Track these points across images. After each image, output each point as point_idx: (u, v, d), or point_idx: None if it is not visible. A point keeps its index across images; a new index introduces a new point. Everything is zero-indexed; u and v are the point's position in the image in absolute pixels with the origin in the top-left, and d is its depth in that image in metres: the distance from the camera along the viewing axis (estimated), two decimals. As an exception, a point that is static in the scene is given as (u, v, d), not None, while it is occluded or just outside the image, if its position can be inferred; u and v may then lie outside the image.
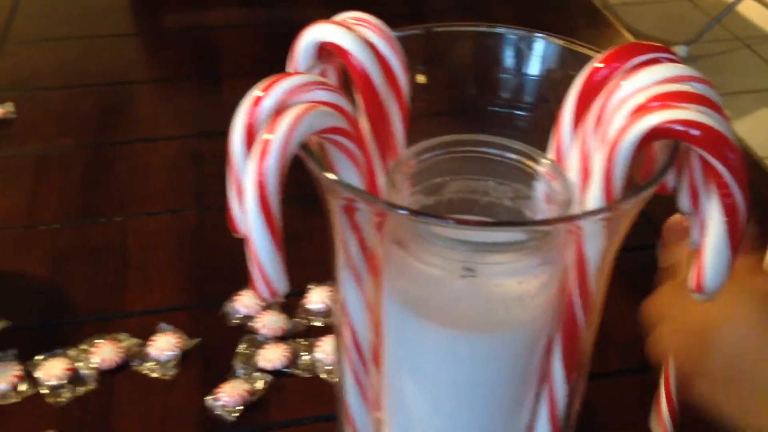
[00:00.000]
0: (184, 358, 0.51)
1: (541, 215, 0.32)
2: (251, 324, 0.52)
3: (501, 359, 0.31)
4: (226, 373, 0.50)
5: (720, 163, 0.26)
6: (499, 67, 0.34)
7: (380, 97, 0.31)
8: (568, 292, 0.30)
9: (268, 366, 0.50)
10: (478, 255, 0.29)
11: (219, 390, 0.48)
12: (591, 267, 0.29)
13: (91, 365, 0.50)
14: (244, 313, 0.53)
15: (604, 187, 0.27)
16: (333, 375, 0.49)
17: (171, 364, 0.50)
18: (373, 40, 0.30)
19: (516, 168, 0.32)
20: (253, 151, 0.25)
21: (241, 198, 0.26)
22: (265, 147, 0.25)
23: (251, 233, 0.26)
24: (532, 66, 0.34)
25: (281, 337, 0.52)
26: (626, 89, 0.28)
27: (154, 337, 0.51)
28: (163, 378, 0.50)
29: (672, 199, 0.30)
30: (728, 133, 0.26)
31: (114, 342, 0.51)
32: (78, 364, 0.50)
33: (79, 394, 0.48)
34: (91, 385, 0.49)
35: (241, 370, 0.50)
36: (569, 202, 0.30)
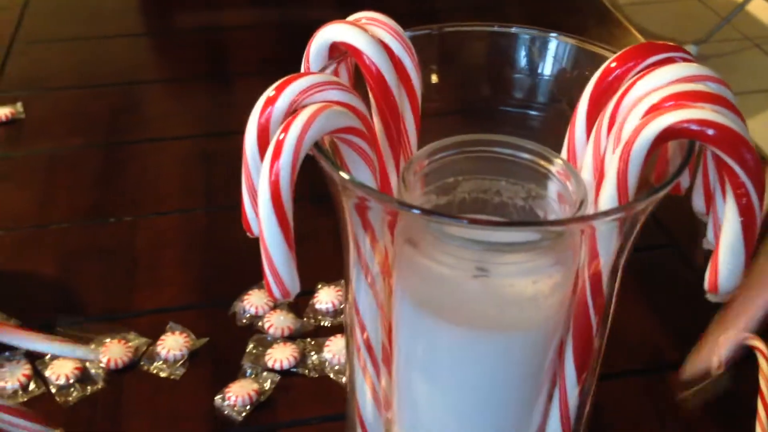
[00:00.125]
0: (192, 357, 0.51)
1: (554, 215, 0.32)
2: (260, 324, 0.52)
3: (514, 359, 0.31)
4: (234, 373, 0.50)
5: (736, 162, 0.26)
6: (512, 67, 0.34)
7: (393, 97, 0.31)
8: (581, 292, 0.30)
9: (277, 366, 0.50)
10: (491, 255, 0.29)
11: (227, 389, 0.48)
12: (604, 267, 0.29)
13: (100, 364, 0.50)
14: (253, 313, 0.53)
15: (619, 187, 0.27)
16: (341, 375, 0.49)
17: (179, 363, 0.50)
18: (387, 40, 0.30)
19: (529, 168, 0.32)
20: (267, 152, 0.25)
21: (255, 198, 0.26)
22: (278, 147, 0.25)
23: (264, 233, 0.26)
24: (546, 66, 0.34)
25: (290, 337, 0.52)
26: (640, 89, 0.28)
27: (163, 337, 0.51)
28: (172, 377, 0.50)
29: (679, 198, 0.30)
30: (744, 132, 0.26)
31: (123, 341, 0.51)
32: (87, 363, 0.50)
33: (87, 393, 0.48)
34: (100, 385, 0.49)
35: (249, 370, 0.50)
36: (582, 202, 0.29)
